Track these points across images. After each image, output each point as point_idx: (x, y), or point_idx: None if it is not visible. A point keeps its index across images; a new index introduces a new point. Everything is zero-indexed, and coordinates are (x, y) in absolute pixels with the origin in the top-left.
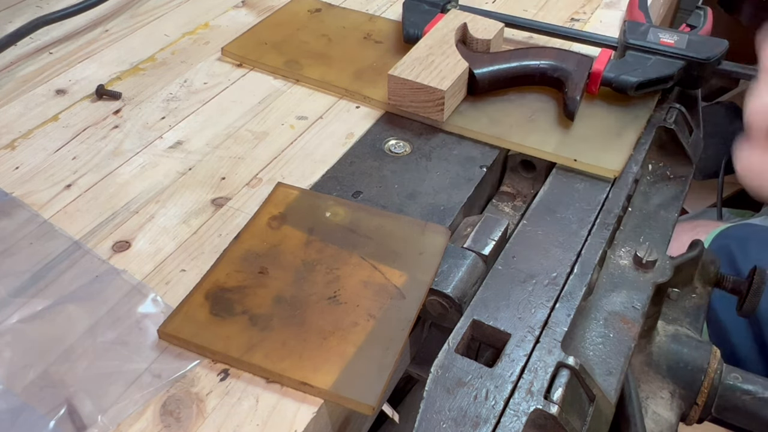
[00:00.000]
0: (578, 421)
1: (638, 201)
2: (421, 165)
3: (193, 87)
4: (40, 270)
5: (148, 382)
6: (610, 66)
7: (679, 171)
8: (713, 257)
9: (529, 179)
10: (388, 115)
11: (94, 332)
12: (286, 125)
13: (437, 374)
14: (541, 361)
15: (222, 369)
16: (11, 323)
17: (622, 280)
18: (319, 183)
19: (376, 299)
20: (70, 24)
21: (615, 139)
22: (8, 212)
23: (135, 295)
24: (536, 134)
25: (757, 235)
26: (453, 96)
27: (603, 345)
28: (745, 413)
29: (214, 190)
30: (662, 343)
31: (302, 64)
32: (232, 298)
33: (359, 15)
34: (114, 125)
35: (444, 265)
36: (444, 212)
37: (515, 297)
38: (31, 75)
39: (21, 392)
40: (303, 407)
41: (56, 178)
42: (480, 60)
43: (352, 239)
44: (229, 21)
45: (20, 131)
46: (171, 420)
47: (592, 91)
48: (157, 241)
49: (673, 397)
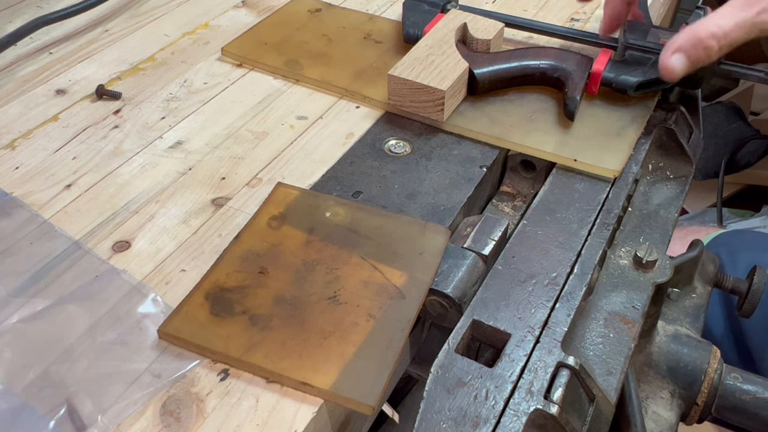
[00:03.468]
0: (578, 421)
1: (638, 201)
2: (421, 165)
3: (193, 87)
4: (40, 270)
5: (148, 382)
6: (610, 66)
7: (679, 171)
8: (713, 257)
9: (529, 179)
10: (388, 115)
11: (94, 332)
12: (286, 125)
13: (437, 374)
14: (541, 361)
15: (222, 369)
16: (11, 323)
17: (622, 280)
18: (319, 183)
19: (376, 299)
20: (70, 24)
21: (615, 139)
22: (8, 212)
23: (135, 295)
24: (536, 134)
25: (747, 244)
26: (453, 96)
27: (603, 345)
28: (745, 413)
29: (214, 190)
30: (662, 343)
31: (302, 64)
32: (232, 298)
33: (359, 15)
34: (114, 125)
35: (444, 265)
36: (444, 212)
37: (515, 297)
38: (31, 75)
39: (21, 392)
40: (303, 407)
41: (56, 178)
42: (480, 60)
43: (352, 239)
44: (229, 21)
45: (20, 131)
46: (171, 420)
47: (592, 92)
48: (157, 241)
49: (673, 397)
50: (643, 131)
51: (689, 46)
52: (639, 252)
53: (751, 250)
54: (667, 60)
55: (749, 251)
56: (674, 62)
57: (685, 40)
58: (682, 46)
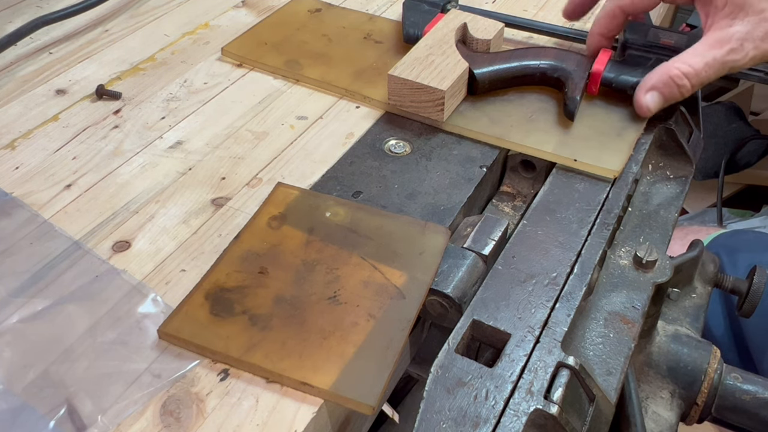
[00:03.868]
0: (578, 421)
1: (638, 201)
2: (421, 165)
3: (193, 87)
4: (40, 270)
5: (148, 382)
6: (610, 66)
7: (679, 171)
8: (713, 257)
9: (529, 179)
10: (388, 115)
11: (94, 332)
12: (286, 125)
13: (437, 374)
14: (541, 361)
15: (222, 369)
16: (11, 323)
17: (622, 280)
18: (319, 183)
19: (376, 299)
20: (70, 24)
21: (615, 139)
22: (8, 212)
23: (135, 295)
24: (536, 134)
25: (747, 244)
26: (453, 96)
27: (603, 345)
28: (745, 413)
29: (214, 190)
30: (662, 343)
31: (302, 64)
32: (232, 298)
33: (359, 15)
34: (114, 125)
35: (444, 265)
36: (444, 212)
37: (515, 297)
38: (31, 75)
39: (21, 392)
40: (303, 407)
41: (56, 178)
42: (480, 60)
43: (352, 239)
44: (229, 21)
45: (20, 131)
46: (171, 420)
47: (592, 91)
48: (157, 241)
49: (673, 397)
50: (643, 131)
51: (662, 85)
52: (639, 252)
53: (751, 250)
54: (641, 98)
55: (749, 251)
56: (648, 100)
57: (658, 79)
58: (656, 84)
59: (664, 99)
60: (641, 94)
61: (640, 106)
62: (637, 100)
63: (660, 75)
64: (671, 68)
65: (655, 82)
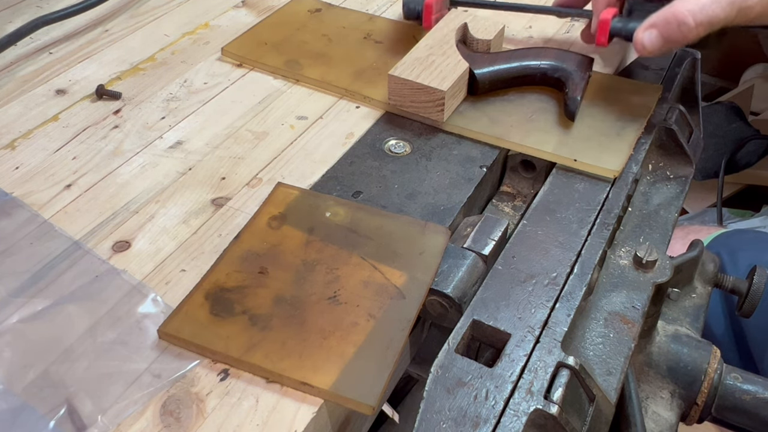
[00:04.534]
0: (578, 421)
1: (638, 201)
2: (421, 165)
3: (193, 87)
4: (40, 270)
5: (148, 382)
6: (618, 19)
7: (679, 171)
8: (713, 257)
9: (529, 179)
10: (388, 115)
11: (94, 332)
12: (286, 125)
13: (437, 374)
14: (541, 361)
15: (222, 369)
16: (11, 323)
17: (622, 280)
18: (319, 183)
19: (376, 299)
20: (70, 24)
21: (615, 139)
22: (8, 212)
23: (135, 295)
24: (536, 134)
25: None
26: (453, 96)
27: (603, 345)
28: (745, 413)
29: (214, 190)
30: (662, 343)
31: (302, 64)
32: (232, 298)
33: (359, 15)
34: (114, 125)
35: (444, 265)
36: (444, 212)
37: (515, 297)
38: (31, 75)
39: (21, 392)
40: (303, 407)
41: (56, 178)
42: (480, 60)
43: (352, 239)
44: (229, 21)
45: (20, 131)
46: (171, 420)
47: (602, 43)
48: (157, 241)
49: (673, 397)
50: (643, 131)
51: (662, 22)
52: (639, 252)
53: (751, 250)
54: (640, 35)
55: (749, 251)
56: (645, 38)
57: (659, 17)
58: (656, 22)
59: (662, 38)
60: (639, 32)
61: (636, 42)
62: (635, 38)
63: (663, 12)
64: (676, 5)
65: (655, 20)
